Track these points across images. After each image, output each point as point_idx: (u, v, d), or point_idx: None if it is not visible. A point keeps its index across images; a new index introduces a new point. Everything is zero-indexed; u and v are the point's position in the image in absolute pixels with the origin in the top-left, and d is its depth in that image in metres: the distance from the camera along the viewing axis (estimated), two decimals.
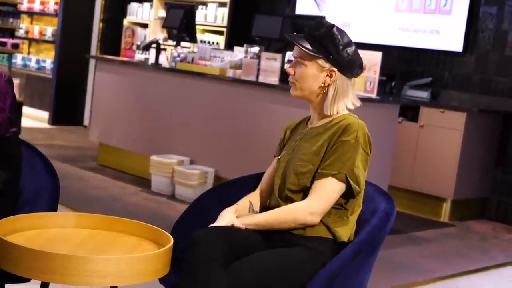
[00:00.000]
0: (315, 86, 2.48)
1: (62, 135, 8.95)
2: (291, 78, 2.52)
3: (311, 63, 2.46)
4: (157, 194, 6.09)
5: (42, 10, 10.52)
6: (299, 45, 2.47)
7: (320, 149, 2.44)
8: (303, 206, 2.39)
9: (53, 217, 2.35)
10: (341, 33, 2.47)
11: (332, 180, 2.38)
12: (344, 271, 2.28)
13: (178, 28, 6.96)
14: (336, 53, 2.44)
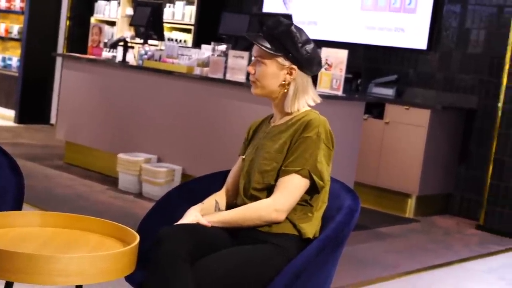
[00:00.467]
0: (275, 84, 2.50)
1: (29, 133, 8.87)
2: (251, 77, 2.54)
3: (270, 62, 2.49)
4: (124, 192, 6.08)
5: (8, 7, 10.41)
6: (258, 44, 2.49)
7: (283, 146, 2.47)
8: (268, 203, 2.42)
9: (17, 216, 2.34)
10: (300, 31, 2.50)
11: (296, 176, 2.41)
12: (309, 267, 2.31)
13: (145, 26, 6.95)
14: (295, 51, 2.47)
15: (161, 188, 5.81)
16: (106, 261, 2.02)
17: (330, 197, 2.55)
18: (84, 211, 4.91)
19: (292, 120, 2.51)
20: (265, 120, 2.67)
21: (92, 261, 1.99)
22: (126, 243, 2.23)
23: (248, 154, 2.59)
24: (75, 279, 1.96)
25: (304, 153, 2.41)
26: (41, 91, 9.69)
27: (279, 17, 2.52)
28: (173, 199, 2.74)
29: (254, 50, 2.53)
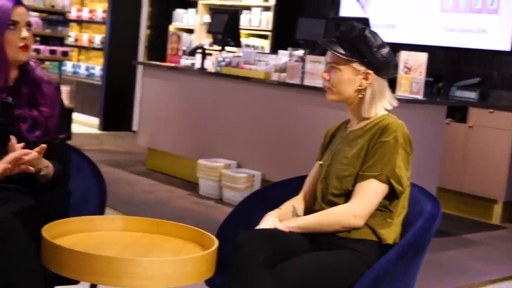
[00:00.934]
0: (351, 89, 2.48)
1: (112, 140, 9.09)
2: (326, 83, 2.52)
3: (346, 67, 2.46)
4: (205, 198, 6.14)
5: (91, 18, 10.71)
6: (332, 50, 2.46)
7: (360, 151, 2.44)
8: (346, 208, 2.39)
9: (100, 220, 2.39)
10: (374, 35, 2.46)
11: (374, 181, 2.37)
12: (389, 273, 2.27)
13: (222, 33, 7.01)
14: (370, 55, 2.44)
15: (241, 194, 5.83)
16: (186, 265, 2.04)
17: (410, 202, 2.50)
18: (165, 217, 4.96)
19: (369, 125, 2.48)
20: (342, 125, 2.65)
21: (172, 265, 2.01)
22: (205, 247, 2.25)
23: (325, 160, 2.57)
24: (155, 282, 1.99)
25: (382, 158, 2.38)
26: (123, 99, 9.91)
27: (352, 22, 2.50)
28: (251, 205, 2.75)
29: (328, 56, 2.52)
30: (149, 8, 9.90)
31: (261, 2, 8.96)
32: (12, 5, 2.46)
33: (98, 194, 2.68)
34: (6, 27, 2.44)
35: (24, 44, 2.48)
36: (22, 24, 2.49)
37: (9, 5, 2.45)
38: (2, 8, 2.44)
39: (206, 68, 6.82)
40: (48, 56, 8.35)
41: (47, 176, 2.46)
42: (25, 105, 2.51)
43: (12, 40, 2.46)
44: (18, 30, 2.48)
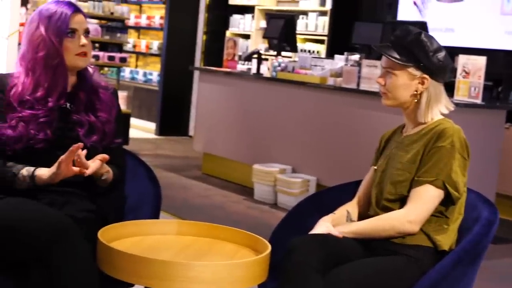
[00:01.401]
0: (407, 94, 2.45)
1: (168, 145, 9.19)
2: (382, 88, 2.50)
3: (401, 72, 2.44)
4: (259, 203, 6.15)
5: (149, 24, 10.87)
6: (387, 56, 2.44)
7: (415, 156, 2.41)
8: (401, 214, 2.37)
9: (154, 224, 2.42)
10: (430, 39, 2.43)
11: (430, 187, 2.34)
12: (445, 280, 2.24)
13: (278, 38, 7.02)
14: (426, 60, 2.41)
15: (296, 199, 5.82)
16: (239, 269, 2.05)
17: (467, 208, 2.46)
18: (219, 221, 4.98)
19: (425, 130, 2.45)
20: (397, 130, 2.62)
21: (225, 269, 2.02)
22: (258, 252, 2.26)
23: (380, 165, 2.55)
24: (208, 286, 2.01)
25: (438, 163, 2.35)
26: (180, 104, 10.00)
27: (407, 26, 2.48)
28: (305, 210, 2.74)
29: (383, 61, 2.49)
30: (205, 14, 9.98)
31: (318, 7, 8.94)
32: (71, 13, 2.50)
33: (153, 198, 2.72)
34: (65, 34, 2.49)
35: (82, 51, 2.52)
36: (80, 31, 2.53)
37: (68, 13, 2.49)
38: (61, 16, 2.49)
39: (262, 73, 6.84)
40: (107, 62, 8.50)
41: (107, 180, 2.50)
42: (82, 111, 2.55)
43: (70, 47, 2.50)
44: (77, 37, 2.52)
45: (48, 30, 2.47)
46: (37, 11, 2.53)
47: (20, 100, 2.49)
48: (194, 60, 10.00)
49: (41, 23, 2.49)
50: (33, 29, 2.50)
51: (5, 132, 2.44)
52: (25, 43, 2.53)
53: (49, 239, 2.18)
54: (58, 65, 2.49)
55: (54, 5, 2.51)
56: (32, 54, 2.49)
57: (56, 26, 2.47)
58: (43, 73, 2.49)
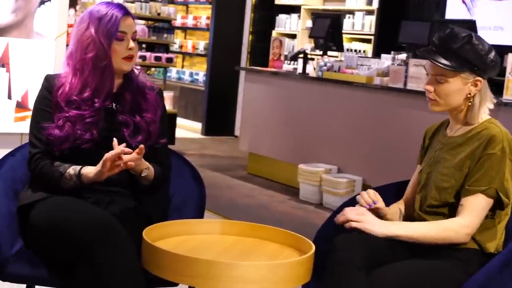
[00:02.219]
0: (460, 99, 2.38)
1: (214, 145, 9.23)
2: (431, 96, 2.41)
3: (454, 79, 2.35)
4: (305, 203, 6.13)
5: (195, 25, 10.93)
6: (438, 63, 2.34)
7: (462, 163, 2.35)
8: (458, 225, 2.29)
9: (199, 224, 2.43)
10: (481, 41, 2.35)
11: (482, 196, 2.28)
12: (492, 283, 2.19)
13: (324, 37, 7.00)
14: (481, 63, 2.34)
15: (342, 199, 5.78)
16: (283, 269, 2.04)
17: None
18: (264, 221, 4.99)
19: (472, 132, 2.39)
20: (441, 126, 2.57)
21: (270, 269, 2.02)
22: (303, 252, 2.25)
23: (425, 166, 2.50)
24: (253, 286, 2.00)
25: (490, 171, 2.29)
26: (226, 104, 10.04)
27: (452, 28, 2.38)
28: None
29: (429, 67, 2.40)
30: (252, 14, 10.00)
31: (364, 6, 8.88)
32: (121, 16, 2.51)
33: (197, 197, 2.73)
34: (114, 37, 2.50)
35: (129, 55, 2.54)
36: (129, 34, 2.53)
37: (118, 15, 2.50)
38: (112, 18, 2.49)
39: (307, 73, 6.82)
40: (154, 62, 8.58)
41: (148, 177, 2.51)
42: (128, 111, 2.56)
43: (118, 50, 2.51)
44: (125, 40, 2.52)
45: (98, 31, 2.49)
46: (88, 11, 2.54)
47: (67, 100, 2.51)
48: (240, 60, 10.02)
49: (91, 24, 2.50)
50: (83, 29, 2.51)
51: (52, 132, 2.47)
52: (73, 43, 2.54)
53: (94, 238, 2.21)
54: (106, 66, 2.51)
55: (105, 6, 2.52)
56: (81, 55, 2.51)
57: (106, 28, 2.48)
58: (91, 74, 2.51)
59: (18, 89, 3.91)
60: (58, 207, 2.37)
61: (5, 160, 2.63)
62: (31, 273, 2.36)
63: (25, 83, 3.91)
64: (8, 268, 2.36)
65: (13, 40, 3.87)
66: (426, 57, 2.38)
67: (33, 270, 2.36)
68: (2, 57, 3.85)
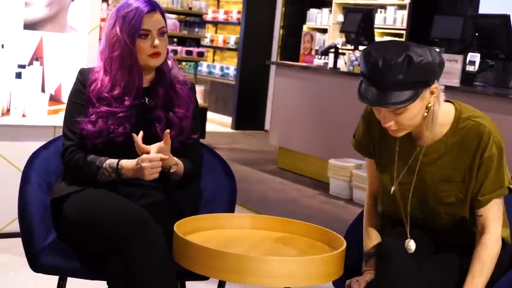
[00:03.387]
0: (421, 116, 2.13)
1: (244, 139, 9.24)
2: (392, 127, 2.13)
3: (413, 104, 2.07)
4: (335, 198, 6.12)
5: (226, 19, 10.95)
6: (393, 106, 2.05)
7: (462, 174, 2.20)
8: (494, 240, 2.18)
9: (230, 218, 2.43)
10: (419, 51, 2.05)
11: (498, 200, 2.21)
12: None
13: (356, 32, 6.96)
14: (433, 74, 2.08)
15: None
16: (314, 264, 2.04)
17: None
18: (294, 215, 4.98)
19: (450, 135, 2.19)
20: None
21: (300, 264, 2.01)
22: (333, 248, 2.24)
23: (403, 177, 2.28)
24: (283, 281, 2.00)
25: (496, 173, 2.18)
26: (256, 98, 10.05)
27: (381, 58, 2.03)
28: None
29: (382, 109, 2.11)
30: (283, 8, 9.98)
31: (396, 0, 8.82)
32: (145, 13, 2.46)
33: (228, 192, 2.73)
34: (137, 35, 2.47)
35: (154, 52, 2.50)
36: (154, 31, 2.49)
37: (142, 12, 2.46)
38: (135, 15, 2.46)
39: (338, 67, 6.79)
40: (185, 56, 8.61)
41: (177, 173, 2.51)
42: (160, 106, 2.56)
43: (143, 48, 2.49)
44: (150, 38, 2.49)
45: (122, 30, 2.47)
46: (116, 8, 2.52)
47: (99, 97, 2.52)
48: (271, 55, 10.02)
49: (117, 22, 2.49)
50: (110, 27, 2.51)
51: (85, 127, 2.49)
52: (103, 40, 2.55)
53: (126, 231, 2.22)
54: (133, 65, 2.50)
55: (133, 1, 2.49)
56: (109, 53, 2.51)
57: (129, 26, 2.46)
58: (119, 72, 2.51)
59: (52, 83, 3.95)
60: (91, 200, 2.39)
61: (39, 153, 2.65)
62: (64, 265, 2.39)
63: (59, 76, 3.96)
64: (41, 259, 2.40)
65: (47, 34, 3.91)
66: (375, 105, 2.11)
67: (65, 262, 2.39)
68: (36, 51, 3.89)
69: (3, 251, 3.79)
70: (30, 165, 2.59)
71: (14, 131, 3.92)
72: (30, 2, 3.83)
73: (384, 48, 2.07)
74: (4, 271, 3.54)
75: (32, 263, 2.42)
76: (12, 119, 3.89)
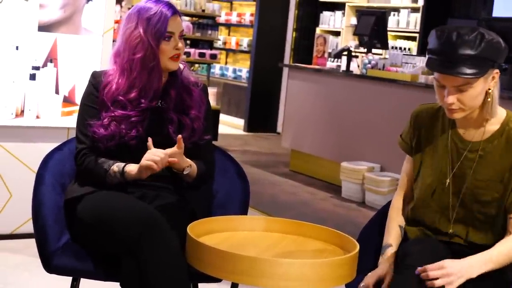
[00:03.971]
0: (481, 99, 2.19)
1: (256, 141, 9.24)
2: (454, 106, 2.17)
3: (478, 82, 2.14)
4: (347, 201, 6.11)
5: (239, 21, 10.96)
6: (466, 76, 2.11)
7: (501, 174, 2.21)
8: None
9: (243, 220, 2.43)
10: (489, 32, 2.14)
11: None
12: None
13: (369, 35, 6.95)
14: (500, 55, 2.16)
15: (385, 197, 5.75)
16: (327, 267, 2.03)
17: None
18: (306, 218, 4.98)
19: (497, 137, 2.22)
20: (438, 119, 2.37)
21: (313, 267, 2.01)
22: (346, 251, 2.23)
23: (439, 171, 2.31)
24: (296, 284, 1.99)
25: None
26: (268, 100, 10.05)
27: (456, 32, 2.13)
28: None
29: (444, 79, 2.16)
30: (296, 10, 9.98)
31: (410, 3, 8.80)
32: (170, 16, 2.49)
33: (241, 194, 2.73)
34: (163, 38, 2.50)
35: (176, 54, 2.53)
36: (176, 34, 2.53)
37: (168, 15, 2.49)
38: (161, 18, 2.48)
39: (351, 70, 6.78)
40: (198, 59, 8.63)
41: (191, 175, 2.52)
42: (172, 108, 2.56)
43: (166, 50, 2.51)
44: (173, 40, 2.52)
45: (147, 32, 2.47)
46: (136, 10, 2.52)
47: (113, 100, 2.52)
48: (284, 57, 10.02)
49: (140, 24, 2.48)
50: (131, 29, 2.50)
51: (97, 131, 2.49)
52: (121, 42, 2.53)
53: (139, 232, 2.23)
54: (154, 67, 2.51)
55: (154, 4, 2.50)
56: (129, 55, 2.51)
57: (155, 28, 2.47)
58: (139, 75, 2.51)
59: (66, 84, 3.97)
60: (104, 202, 2.40)
61: (53, 154, 2.66)
62: (77, 266, 2.40)
63: (72, 78, 3.97)
64: (54, 260, 2.41)
65: (61, 36, 3.93)
66: (445, 73, 2.14)
67: (79, 263, 2.40)
68: (50, 52, 3.91)
69: (16, 252, 3.81)
70: (45, 166, 2.60)
71: (27, 133, 3.94)
72: (44, 4, 3.85)
73: (457, 26, 2.17)
74: (17, 272, 3.56)
75: (45, 264, 2.43)
76: (26, 121, 3.91)
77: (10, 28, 3.80)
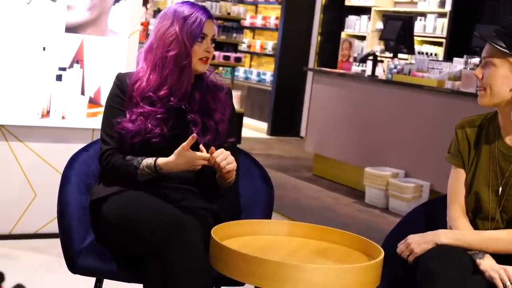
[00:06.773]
0: (506, 89, 2.24)
1: (279, 145, 9.22)
2: (479, 83, 2.28)
3: (502, 62, 2.22)
4: (370, 206, 6.07)
5: (264, 25, 10.96)
6: (490, 42, 2.23)
7: None
8: None
9: (267, 224, 2.42)
10: None
11: None
12: None
13: (395, 39, 6.91)
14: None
15: (408, 204, 5.71)
16: (351, 273, 2.01)
17: None
18: (329, 223, 4.95)
19: None
20: (483, 129, 2.42)
21: (337, 273, 1.99)
22: (371, 257, 2.22)
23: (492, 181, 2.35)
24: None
25: None
26: (292, 104, 10.02)
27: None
28: (419, 216, 2.67)
29: (484, 50, 2.28)
30: (321, 14, 9.95)
31: (437, 8, 8.74)
32: (206, 19, 2.54)
33: (266, 198, 2.72)
34: (197, 39, 2.53)
35: (205, 56, 2.56)
36: (209, 37, 2.57)
37: (204, 18, 2.53)
38: (197, 19, 2.52)
39: (377, 75, 6.75)
40: (222, 61, 8.64)
41: (231, 183, 2.55)
42: (197, 110, 2.58)
43: (197, 51, 2.54)
44: (205, 42, 2.55)
45: (183, 30, 2.51)
46: (172, 9, 2.56)
47: (143, 96, 2.54)
48: (308, 61, 9.99)
49: (176, 22, 2.52)
50: (166, 26, 2.53)
51: (126, 126, 2.51)
52: (154, 38, 2.56)
53: (164, 234, 2.23)
54: (185, 66, 2.53)
55: (190, 7, 2.55)
56: (163, 52, 2.53)
57: (191, 28, 2.51)
58: (170, 72, 2.53)
59: (91, 86, 3.99)
60: (130, 203, 2.40)
61: (79, 155, 2.68)
62: (101, 266, 2.40)
63: (98, 79, 3.99)
64: (79, 261, 2.41)
65: (88, 37, 3.95)
66: (482, 37, 2.28)
67: (103, 264, 2.40)
68: (77, 54, 3.93)
69: (40, 251, 3.83)
70: (70, 166, 2.61)
71: (53, 133, 3.96)
72: (72, 5, 3.87)
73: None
74: (41, 271, 3.58)
75: (69, 264, 2.44)
76: (52, 121, 3.93)
77: (38, 29, 3.83)
